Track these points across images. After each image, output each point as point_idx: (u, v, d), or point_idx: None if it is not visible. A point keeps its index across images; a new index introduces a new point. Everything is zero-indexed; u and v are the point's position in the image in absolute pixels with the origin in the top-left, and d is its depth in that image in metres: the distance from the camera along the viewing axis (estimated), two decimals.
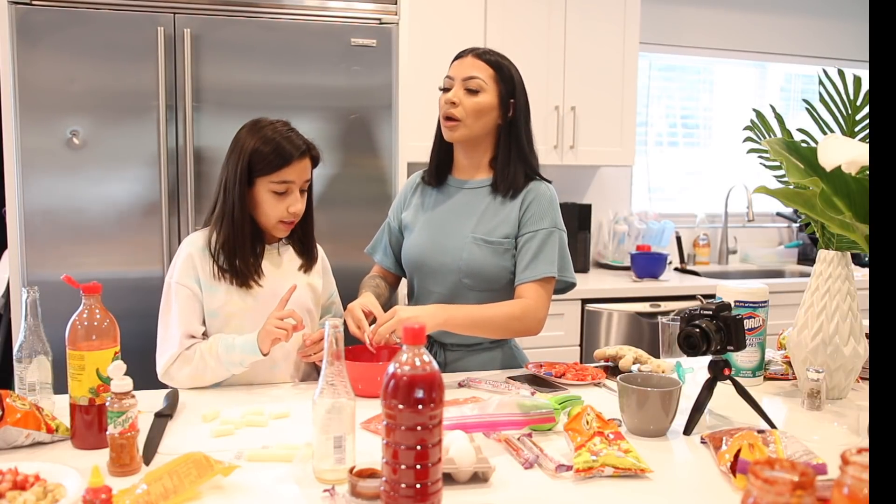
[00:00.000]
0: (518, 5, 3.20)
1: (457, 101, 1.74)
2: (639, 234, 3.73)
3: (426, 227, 1.84)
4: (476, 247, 1.76)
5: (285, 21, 2.52)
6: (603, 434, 1.25)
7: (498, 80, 1.76)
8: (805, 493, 0.75)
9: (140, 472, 1.16)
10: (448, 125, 1.77)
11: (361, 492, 1.03)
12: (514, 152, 1.79)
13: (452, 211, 1.83)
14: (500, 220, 1.78)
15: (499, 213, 1.78)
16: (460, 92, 1.75)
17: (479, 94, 1.74)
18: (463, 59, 1.78)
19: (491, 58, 1.78)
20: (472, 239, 1.77)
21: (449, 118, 1.76)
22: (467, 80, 1.74)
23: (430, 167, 1.89)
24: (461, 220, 1.80)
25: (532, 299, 1.73)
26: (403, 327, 0.97)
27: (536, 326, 1.74)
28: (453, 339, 1.82)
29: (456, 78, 1.76)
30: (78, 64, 2.36)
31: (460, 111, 1.74)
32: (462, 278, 1.77)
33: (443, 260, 1.79)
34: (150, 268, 2.46)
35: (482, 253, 1.76)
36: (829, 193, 1.43)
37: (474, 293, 1.77)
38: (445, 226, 1.81)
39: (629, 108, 3.42)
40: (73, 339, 1.26)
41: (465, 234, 1.78)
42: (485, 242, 1.76)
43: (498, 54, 1.80)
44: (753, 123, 1.73)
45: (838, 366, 1.56)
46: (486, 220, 1.78)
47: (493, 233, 1.77)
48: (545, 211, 1.77)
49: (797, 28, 4.12)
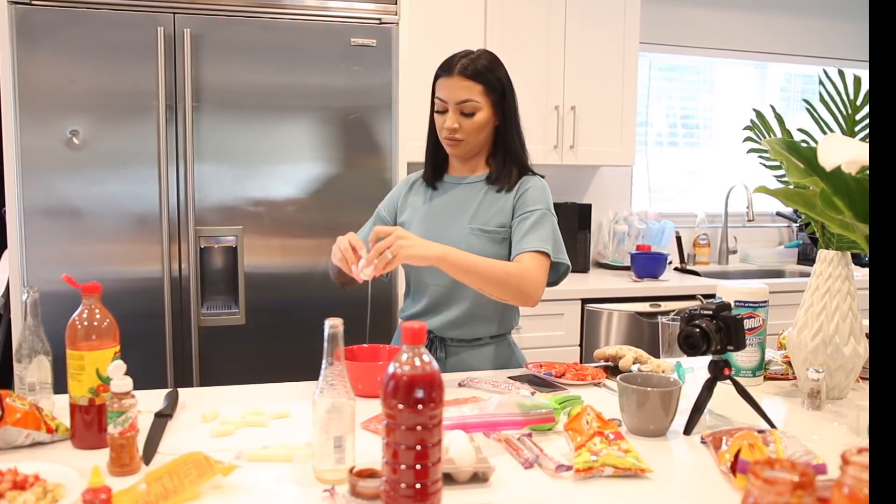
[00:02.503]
0: (518, 5, 3.20)
1: (457, 127, 1.76)
2: (639, 233, 3.73)
3: (423, 222, 1.85)
4: (474, 237, 1.78)
5: (285, 21, 2.53)
6: (603, 434, 1.25)
7: (488, 92, 1.76)
8: (805, 493, 0.75)
9: (140, 472, 1.16)
10: (451, 144, 1.79)
11: (361, 492, 1.03)
12: (510, 148, 1.83)
13: (448, 205, 1.85)
14: (496, 210, 1.80)
15: (494, 204, 1.81)
16: (457, 116, 1.75)
17: (476, 114, 1.76)
18: (449, 80, 1.75)
19: (477, 69, 1.74)
20: (470, 230, 1.79)
21: (451, 139, 1.78)
22: (461, 104, 1.74)
23: (426, 168, 1.91)
24: (457, 213, 1.83)
25: (529, 265, 1.70)
26: (403, 327, 0.97)
27: (534, 291, 1.68)
28: (453, 334, 1.82)
29: (449, 101, 1.75)
30: (78, 64, 2.36)
31: (461, 133, 1.77)
32: None
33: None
34: (149, 268, 2.46)
35: (480, 243, 1.77)
36: (829, 193, 1.42)
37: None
38: (442, 219, 1.83)
39: (629, 108, 3.42)
40: (72, 339, 1.26)
41: (461, 226, 1.80)
42: (482, 232, 1.78)
43: (480, 60, 1.76)
44: (753, 123, 1.73)
45: (838, 366, 1.56)
46: (482, 211, 1.81)
47: (489, 223, 1.79)
48: (538, 197, 1.79)
49: (797, 28, 4.12)
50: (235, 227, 2.54)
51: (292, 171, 2.58)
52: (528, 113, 3.07)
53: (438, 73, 1.79)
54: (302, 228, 2.60)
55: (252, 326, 2.58)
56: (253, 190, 2.55)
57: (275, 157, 2.56)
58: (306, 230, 2.60)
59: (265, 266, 2.58)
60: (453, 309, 1.81)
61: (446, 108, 1.76)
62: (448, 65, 1.77)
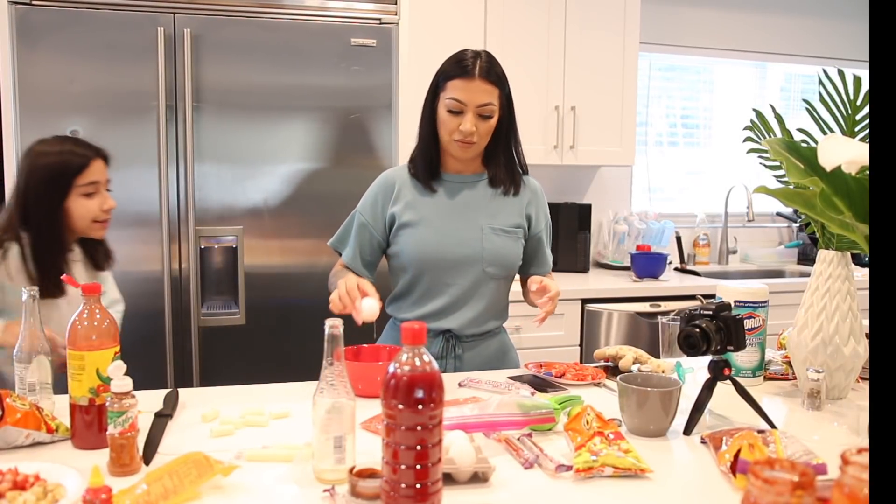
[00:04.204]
0: (518, 5, 3.20)
1: (474, 130, 1.74)
2: (639, 234, 3.73)
3: (434, 221, 1.82)
4: (495, 236, 1.83)
5: (285, 21, 2.53)
6: (603, 434, 1.25)
7: (501, 95, 1.77)
8: (805, 493, 0.75)
9: (140, 472, 1.16)
10: (463, 147, 1.77)
11: (361, 492, 1.03)
12: (516, 149, 1.86)
13: (458, 205, 1.84)
14: (508, 211, 1.86)
15: (504, 205, 1.86)
16: (475, 119, 1.74)
17: (493, 117, 1.76)
18: (470, 82, 1.72)
19: (497, 74, 1.75)
20: (491, 230, 1.83)
21: (466, 141, 1.76)
22: (481, 108, 1.73)
23: (420, 167, 1.84)
24: (470, 213, 1.83)
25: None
26: (403, 327, 0.97)
27: None
28: (472, 330, 1.85)
29: (469, 105, 1.72)
30: (78, 64, 2.36)
31: (476, 135, 1.76)
32: (486, 267, 1.82)
33: (463, 252, 1.81)
34: (150, 268, 2.47)
35: (502, 241, 1.83)
36: (829, 193, 1.42)
37: (494, 281, 1.85)
38: (456, 219, 1.83)
39: (629, 108, 3.42)
40: (73, 339, 1.26)
41: (478, 225, 1.82)
42: (503, 232, 1.84)
43: (495, 63, 1.77)
44: (753, 123, 1.73)
45: (838, 366, 1.56)
46: (494, 211, 1.85)
47: (507, 223, 1.85)
48: (542, 207, 1.93)
49: (797, 28, 4.12)
50: (235, 227, 2.54)
51: (292, 171, 2.58)
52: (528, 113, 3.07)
53: (453, 74, 1.73)
54: (302, 228, 2.60)
55: (252, 326, 2.58)
56: (253, 190, 2.55)
57: (275, 158, 2.56)
58: (306, 230, 2.60)
59: (265, 266, 2.58)
60: (472, 306, 1.83)
61: (462, 110, 1.73)
62: (465, 67, 1.73)
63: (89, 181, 1.78)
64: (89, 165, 1.79)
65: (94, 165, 1.80)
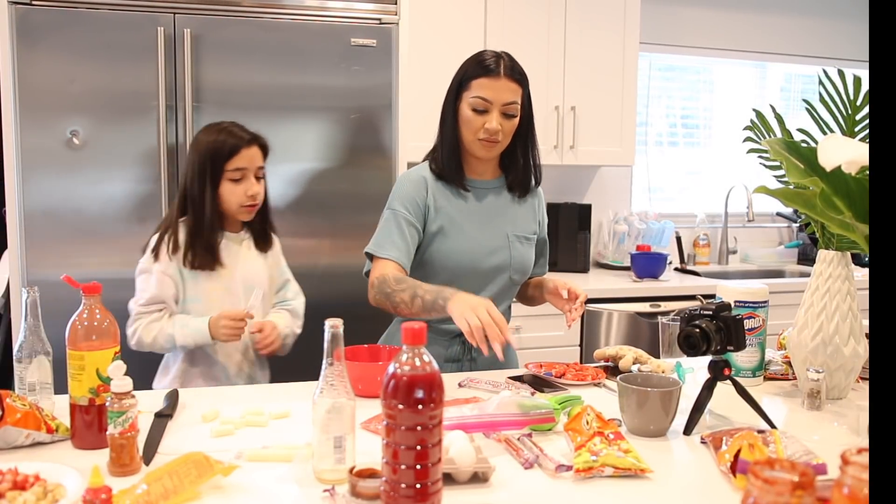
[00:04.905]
0: (518, 5, 3.20)
1: (499, 128, 1.74)
2: (639, 234, 3.73)
3: (466, 229, 1.81)
4: (519, 244, 1.86)
5: (285, 21, 2.53)
6: (603, 434, 1.25)
7: (524, 94, 1.79)
8: (805, 493, 0.75)
9: (140, 472, 1.16)
10: (488, 146, 1.76)
11: (361, 492, 1.03)
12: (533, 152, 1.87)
13: (484, 213, 1.84)
14: (525, 217, 1.89)
15: (521, 211, 1.89)
16: (500, 118, 1.74)
17: (516, 116, 1.77)
18: (497, 81, 1.72)
19: (521, 72, 1.77)
20: (515, 237, 1.86)
21: (491, 140, 1.75)
22: (507, 106, 1.74)
23: (449, 170, 1.81)
24: (496, 220, 1.85)
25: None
26: (403, 327, 0.97)
27: None
28: None
29: (495, 103, 1.72)
30: (78, 64, 2.36)
31: (501, 134, 1.75)
32: (512, 275, 1.85)
33: (494, 262, 1.82)
34: None
35: (524, 249, 1.87)
36: (829, 193, 1.42)
37: (514, 288, 1.90)
38: (485, 228, 1.83)
39: (629, 108, 3.42)
40: (73, 339, 1.26)
41: (503, 233, 1.84)
42: (525, 239, 1.87)
43: (516, 62, 1.78)
44: (753, 123, 1.73)
45: (838, 366, 1.56)
46: (514, 218, 1.87)
47: (526, 229, 1.89)
48: (544, 208, 1.98)
49: (797, 28, 4.12)
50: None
51: (292, 171, 2.57)
52: None
53: (477, 73, 1.73)
54: (302, 228, 2.60)
55: None
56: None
57: (275, 158, 2.54)
58: (306, 230, 2.60)
59: None
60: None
61: (488, 109, 1.73)
62: (489, 66, 1.73)
63: (236, 167, 1.86)
64: (239, 152, 1.86)
65: (244, 152, 1.87)
